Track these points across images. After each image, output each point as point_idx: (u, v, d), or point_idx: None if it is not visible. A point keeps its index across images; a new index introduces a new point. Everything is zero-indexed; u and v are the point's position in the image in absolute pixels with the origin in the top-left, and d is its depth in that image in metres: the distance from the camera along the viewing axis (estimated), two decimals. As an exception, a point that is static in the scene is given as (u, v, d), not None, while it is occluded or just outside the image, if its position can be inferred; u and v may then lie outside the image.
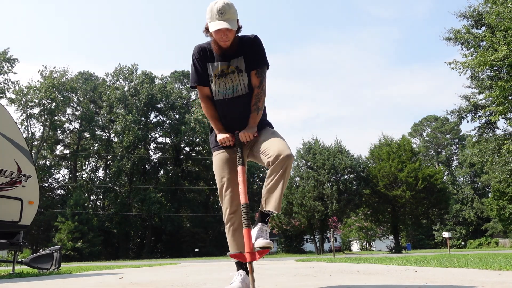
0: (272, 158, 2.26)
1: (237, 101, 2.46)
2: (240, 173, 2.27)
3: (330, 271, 4.35)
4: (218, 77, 2.44)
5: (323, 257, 15.14)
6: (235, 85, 2.44)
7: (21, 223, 6.04)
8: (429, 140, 61.27)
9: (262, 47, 2.46)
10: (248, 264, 2.04)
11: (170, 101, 45.39)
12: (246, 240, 2.08)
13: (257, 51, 2.43)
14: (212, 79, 2.46)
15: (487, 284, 2.38)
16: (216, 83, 2.45)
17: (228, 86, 2.45)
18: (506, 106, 15.85)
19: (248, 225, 2.12)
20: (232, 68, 2.42)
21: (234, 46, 2.39)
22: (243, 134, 2.38)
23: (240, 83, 2.44)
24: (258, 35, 2.46)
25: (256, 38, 2.45)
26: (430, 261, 5.64)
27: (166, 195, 40.73)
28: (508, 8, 14.43)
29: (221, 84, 2.45)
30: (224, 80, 2.44)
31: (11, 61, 37.59)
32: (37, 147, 40.04)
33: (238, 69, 2.42)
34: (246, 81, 2.45)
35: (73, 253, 30.95)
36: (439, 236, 49.35)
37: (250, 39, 2.43)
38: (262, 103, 2.48)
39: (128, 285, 3.14)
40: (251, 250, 2.07)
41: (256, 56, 2.43)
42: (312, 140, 31.79)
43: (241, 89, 2.45)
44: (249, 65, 2.43)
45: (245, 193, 2.20)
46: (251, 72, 2.44)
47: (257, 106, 2.45)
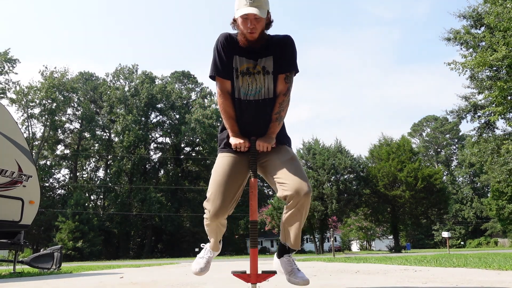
0: (289, 193, 2.07)
1: (258, 105, 2.21)
2: (252, 186, 2.09)
3: (330, 271, 4.36)
4: (243, 75, 2.19)
5: (323, 256, 15.15)
6: (259, 87, 2.20)
7: (22, 223, 6.05)
8: (429, 140, 61.29)
9: (295, 49, 2.20)
10: (251, 285, 2.00)
11: (170, 101, 45.39)
12: (253, 261, 2.01)
13: (288, 53, 2.18)
14: (237, 75, 2.20)
15: (486, 283, 2.40)
16: (240, 82, 2.20)
17: (251, 87, 2.20)
18: (505, 106, 15.86)
19: (255, 245, 2.04)
20: (259, 68, 2.17)
21: (262, 41, 2.13)
22: (261, 143, 2.15)
23: (265, 85, 2.20)
24: (291, 36, 2.21)
25: (289, 38, 2.19)
26: (430, 260, 5.66)
27: (166, 195, 40.74)
28: (507, 8, 14.45)
29: (244, 82, 2.19)
30: (248, 79, 2.19)
31: (12, 62, 37.60)
32: (37, 147, 40.05)
33: (265, 70, 2.18)
34: (272, 84, 2.21)
35: (74, 252, 30.96)
36: (439, 236, 49.36)
37: (282, 39, 2.18)
38: (285, 113, 2.24)
39: (129, 285, 3.16)
40: (256, 272, 2.00)
41: (287, 58, 2.18)
42: (312, 140, 31.80)
43: (264, 92, 2.21)
44: (278, 68, 2.18)
45: (254, 210, 2.06)
46: (278, 76, 2.20)
47: (280, 115, 2.22)
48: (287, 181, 2.09)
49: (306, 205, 2.10)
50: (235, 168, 2.23)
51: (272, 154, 2.23)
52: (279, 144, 2.28)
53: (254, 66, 2.18)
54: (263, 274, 2.00)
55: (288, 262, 2.26)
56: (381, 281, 2.82)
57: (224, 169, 2.23)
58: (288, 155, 2.24)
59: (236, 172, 2.23)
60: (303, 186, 2.05)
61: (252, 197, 2.07)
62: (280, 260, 2.31)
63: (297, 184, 2.06)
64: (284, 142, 2.33)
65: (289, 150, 2.31)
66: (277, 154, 2.23)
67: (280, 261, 2.31)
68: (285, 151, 2.26)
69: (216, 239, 2.47)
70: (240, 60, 2.18)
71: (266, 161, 2.26)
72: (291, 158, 2.22)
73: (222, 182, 2.19)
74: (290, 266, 2.24)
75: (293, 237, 2.21)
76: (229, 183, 2.19)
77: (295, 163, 2.19)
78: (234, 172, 2.22)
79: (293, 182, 2.08)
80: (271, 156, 2.23)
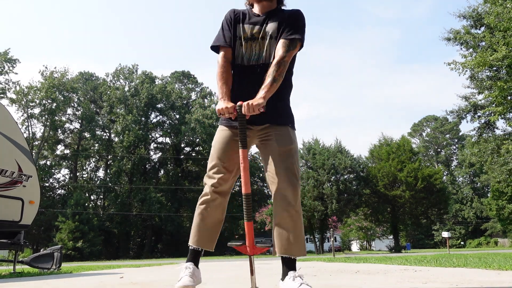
0: (273, 194, 2.05)
1: (259, 69, 2.11)
2: (241, 157, 1.93)
3: (330, 271, 4.36)
4: (247, 40, 2.15)
5: (323, 256, 15.15)
6: (262, 51, 2.13)
7: (21, 223, 6.05)
8: (429, 140, 61.29)
9: (304, 21, 2.17)
10: (249, 257, 1.96)
11: (170, 101, 45.40)
12: (248, 234, 1.95)
13: (295, 22, 2.14)
14: (241, 42, 2.17)
15: (486, 283, 2.40)
16: (243, 47, 2.16)
17: (254, 52, 2.14)
18: (505, 107, 15.87)
19: (249, 219, 1.93)
20: (264, 33, 2.14)
21: (273, 5, 2.21)
22: (247, 104, 1.93)
23: (267, 50, 2.13)
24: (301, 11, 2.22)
25: (299, 11, 2.20)
26: (430, 260, 5.66)
27: (166, 195, 40.74)
28: (507, 8, 14.45)
29: (247, 48, 2.15)
30: (252, 44, 2.15)
31: (12, 62, 37.59)
32: (37, 147, 40.05)
33: (269, 35, 2.13)
34: (274, 50, 2.13)
35: (74, 252, 30.95)
36: (439, 236, 49.35)
37: (292, 11, 2.20)
38: (280, 74, 2.03)
39: (129, 285, 3.16)
40: (252, 244, 1.94)
41: (293, 26, 2.12)
42: (312, 140, 31.83)
43: (266, 56, 2.12)
44: (282, 32, 2.13)
45: (246, 182, 1.91)
46: (280, 40, 2.11)
47: (273, 76, 2.01)
48: (274, 186, 2.03)
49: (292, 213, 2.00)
50: (231, 143, 2.11)
51: (271, 136, 2.09)
52: (282, 124, 2.12)
53: (260, 31, 2.15)
54: (259, 246, 1.95)
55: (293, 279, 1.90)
56: (381, 281, 2.82)
57: (220, 143, 2.15)
58: (288, 143, 2.08)
59: (233, 147, 2.10)
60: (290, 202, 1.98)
61: (242, 169, 1.93)
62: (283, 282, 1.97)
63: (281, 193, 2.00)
64: (287, 123, 2.14)
65: (291, 135, 2.12)
66: (277, 138, 2.08)
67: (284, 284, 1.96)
68: (286, 137, 2.09)
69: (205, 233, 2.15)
70: (245, 28, 2.17)
71: (265, 142, 2.12)
72: (289, 150, 2.07)
73: (219, 155, 2.12)
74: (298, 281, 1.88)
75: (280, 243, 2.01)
76: (226, 157, 2.11)
77: (289, 160, 2.05)
78: (230, 147, 2.11)
79: (280, 187, 2.00)
80: (271, 138, 2.09)
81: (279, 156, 2.05)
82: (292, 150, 2.09)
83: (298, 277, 1.91)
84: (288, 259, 2.00)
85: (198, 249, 2.13)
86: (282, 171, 2.02)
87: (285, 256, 2.00)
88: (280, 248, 2.01)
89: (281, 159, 2.04)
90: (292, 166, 2.04)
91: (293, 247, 1.99)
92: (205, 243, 2.13)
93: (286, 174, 2.01)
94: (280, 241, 2.01)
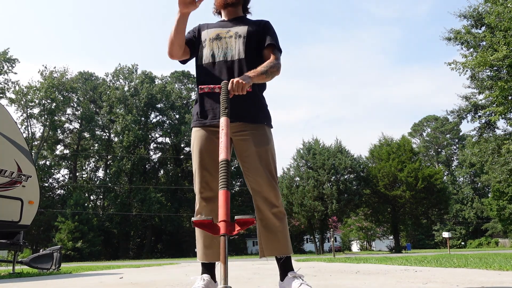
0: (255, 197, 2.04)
1: (228, 65, 2.08)
2: (223, 124, 1.71)
3: (330, 271, 4.35)
4: (212, 40, 2.15)
5: (323, 257, 15.15)
6: (230, 48, 2.11)
7: (21, 223, 6.04)
8: (429, 140, 61.29)
9: (275, 33, 2.20)
10: (221, 237, 1.38)
11: (170, 101, 45.41)
12: (223, 205, 1.46)
13: (270, 34, 2.16)
14: (206, 44, 2.16)
15: (487, 284, 2.38)
16: (208, 46, 2.14)
17: (221, 49, 2.12)
18: (506, 106, 15.87)
19: (226, 187, 1.51)
20: (231, 33, 2.15)
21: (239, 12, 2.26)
22: (236, 81, 1.83)
23: (235, 47, 2.11)
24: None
25: (268, 22, 2.22)
26: (430, 261, 5.64)
27: (166, 195, 40.73)
28: (508, 8, 14.44)
29: (214, 46, 2.13)
30: (218, 43, 2.13)
31: (11, 61, 37.61)
32: (37, 147, 40.05)
33: (237, 34, 2.13)
34: (243, 47, 2.10)
35: (73, 253, 30.96)
36: (439, 236, 49.36)
37: (260, 21, 2.23)
38: (272, 73, 2.03)
39: (128, 285, 3.14)
40: (226, 219, 1.43)
41: (271, 36, 2.15)
42: (312, 140, 31.81)
43: (236, 53, 2.10)
44: (257, 39, 2.14)
45: (226, 147, 1.63)
46: (266, 48, 2.13)
47: (266, 70, 2.00)
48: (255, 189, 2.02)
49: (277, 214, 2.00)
50: (209, 143, 2.05)
51: (248, 135, 2.04)
52: (258, 122, 2.08)
53: (227, 32, 2.16)
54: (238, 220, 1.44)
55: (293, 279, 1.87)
56: (382, 281, 2.81)
57: (198, 146, 2.07)
58: (265, 143, 2.05)
59: (212, 148, 2.02)
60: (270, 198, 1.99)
61: (222, 135, 1.68)
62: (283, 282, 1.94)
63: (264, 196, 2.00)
64: (263, 121, 2.10)
65: (267, 134, 2.09)
66: (254, 138, 2.04)
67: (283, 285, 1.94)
68: (263, 136, 2.06)
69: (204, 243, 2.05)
70: (211, 31, 2.19)
71: (241, 141, 2.05)
72: (266, 150, 2.04)
73: (200, 160, 2.05)
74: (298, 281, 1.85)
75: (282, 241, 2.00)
76: (208, 159, 2.04)
77: (268, 161, 2.03)
78: (210, 149, 2.03)
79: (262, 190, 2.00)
80: (247, 137, 2.04)
81: (258, 158, 2.02)
82: (269, 150, 2.07)
83: (298, 277, 1.89)
84: (282, 260, 1.99)
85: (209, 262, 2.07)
86: (263, 174, 2.00)
87: (278, 257, 1.99)
88: (272, 249, 2.00)
89: (260, 161, 2.02)
90: (270, 168, 2.04)
91: (283, 246, 1.99)
92: (209, 255, 2.04)
93: (266, 176, 2.00)
94: (270, 242, 2.00)
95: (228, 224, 1.42)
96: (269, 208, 2.00)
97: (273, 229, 2.00)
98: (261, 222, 2.03)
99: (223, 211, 1.45)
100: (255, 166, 2.02)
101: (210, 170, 2.04)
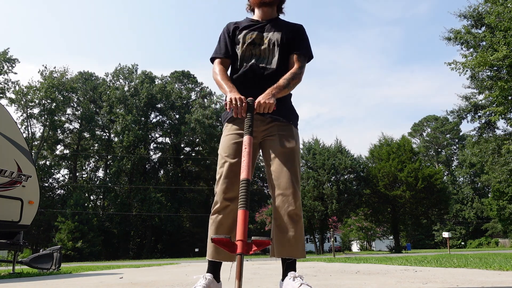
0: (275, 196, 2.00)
1: (261, 73, 2.09)
2: (246, 143, 1.79)
3: (330, 271, 4.35)
4: (247, 45, 2.14)
5: (323, 257, 15.15)
6: (264, 56, 2.13)
7: (21, 223, 6.04)
8: (429, 140, 61.27)
9: (307, 38, 2.20)
10: (237, 256, 1.48)
11: (170, 101, 45.39)
12: (241, 224, 1.54)
13: (301, 39, 2.17)
14: (239, 46, 2.16)
15: (487, 284, 2.38)
16: (243, 50, 2.14)
17: (255, 55, 2.13)
18: (506, 106, 15.87)
19: (245, 206, 1.60)
20: (265, 40, 2.14)
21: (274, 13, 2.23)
22: (263, 103, 1.88)
23: (270, 55, 2.13)
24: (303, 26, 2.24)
25: (301, 26, 2.21)
26: (430, 261, 5.64)
27: (166, 195, 40.73)
28: (508, 8, 14.44)
29: (247, 52, 2.14)
30: (253, 49, 2.14)
31: (11, 61, 37.61)
32: (37, 147, 40.05)
33: (271, 42, 2.13)
34: (276, 56, 2.11)
35: (73, 253, 30.95)
36: (439, 236, 49.36)
37: (294, 25, 2.21)
38: (294, 84, 2.06)
39: (128, 285, 3.14)
40: (244, 238, 1.51)
41: (301, 43, 2.16)
42: (312, 140, 31.82)
43: (268, 61, 2.12)
44: (287, 45, 2.14)
45: (248, 167, 1.70)
46: (293, 54, 2.13)
47: (288, 82, 2.02)
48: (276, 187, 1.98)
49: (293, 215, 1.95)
50: (239, 146, 2.03)
51: (275, 135, 2.06)
52: (286, 120, 2.10)
53: (260, 37, 2.15)
54: (255, 241, 1.51)
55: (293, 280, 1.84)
56: (382, 282, 2.80)
57: (228, 147, 2.07)
58: (291, 143, 2.06)
59: (240, 149, 2.01)
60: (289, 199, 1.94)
61: (246, 154, 1.74)
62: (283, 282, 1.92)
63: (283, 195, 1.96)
64: (290, 121, 2.12)
65: (293, 135, 2.10)
66: (280, 137, 2.05)
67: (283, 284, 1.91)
68: (289, 137, 2.07)
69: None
70: (245, 33, 2.16)
71: (268, 140, 2.08)
72: (291, 150, 2.04)
73: (228, 159, 2.04)
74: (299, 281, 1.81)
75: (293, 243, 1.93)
76: (235, 160, 2.02)
77: (292, 161, 2.02)
78: (240, 150, 2.01)
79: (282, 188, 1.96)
80: (274, 137, 2.06)
81: (283, 157, 2.02)
82: (295, 150, 2.07)
83: (298, 277, 1.86)
84: (289, 261, 1.96)
85: (216, 261, 2.04)
86: (286, 173, 1.99)
87: (286, 258, 1.96)
88: (281, 250, 1.96)
89: (285, 160, 2.01)
90: (295, 169, 2.02)
91: (294, 249, 1.95)
92: (220, 254, 2.01)
93: (289, 176, 1.98)
94: (281, 243, 1.96)
95: (245, 244, 1.50)
96: (286, 207, 1.95)
97: (285, 230, 1.95)
98: (275, 221, 2.00)
99: (240, 231, 1.52)
100: (279, 165, 2.01)
101: (238, 173, 2.01)
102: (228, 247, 1.53)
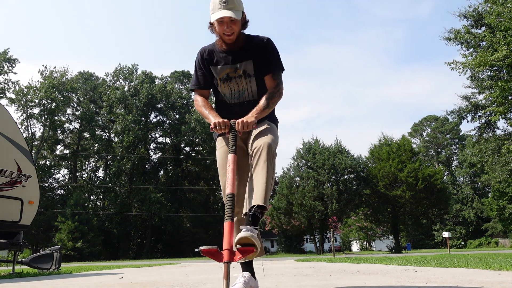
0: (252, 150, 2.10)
1: (243, 107, 2.24)
2: (230, 161, 1.94)
3: (330, 271, 4.35)
4: (223, 81, 2.25)
5: (323, 257, 15.15)
6: (242, 90, 2.25)
7: (21, 223, 6.04)
8: (429, 140, 61.25)
9: (276, 51, 2.25)
10: (224, 264, 1.63)
11: (170, 101, 45.39)
12: (227, 235, 1.69)
13: (271, 56, 2.23)
14: (217, 83, 2.28)
15: (487, 284, 2.38)
16: (221, 88, 2.27)
17: (233, 91, 2.26)
18: (506, 106, 15.87)
19: (231, 218, 1.74)
20: (239, 72, 2.22)
21: (240, 43, 2.19)
22: (241, 122, 2.04)
23: (247, 88, 2.24)
24: (270, 38, 2.26)
25: (269, 41, 2.24)
26: (430, 261, 5.64)
27: (166, 195, 40.73)
28: (508, 8, 14.44)
29: (226, 89, 2.26)
30: (229, 84, 2.25)
31: (11, 61, 37.61)
32: (37, 147, 40.04)
33: (246, 74, 2.22)
34: (254, 86, 2.24)
35: (73, 253, 30.95)
36: (439, 236, 49.35)
37: (261, 42, 2.22)
38: (274, 102, 2.19)
39: (128, 285, 3.14)
40: (230, 247, 1.67)
41: (271, 60, 2.23)
42: (312, 140, 31.81)
43: (247, 94, 2.25)
44: (261, 69, 2.22)
45: (232, 183, 1.87)
46: (266, 76, 2.23)
47: (268, 103, 2.15)
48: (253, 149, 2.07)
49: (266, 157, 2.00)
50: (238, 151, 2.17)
51: (253, 132, 2.18)
52: (260, 122, 2.21)
53: (235, 70, 2.23)
54: (240, 249, 1.70)
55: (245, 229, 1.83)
56: (382, 282, 2.81)
57: (222, 160, 2.24)
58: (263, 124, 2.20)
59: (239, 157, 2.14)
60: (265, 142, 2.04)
61: (230, 171, 1.92)
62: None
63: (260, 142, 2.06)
64: (264, 120, 2.25)
65: (266, 124, 2.22)
66: (257, 129, 2.17)
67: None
68: (262, 125, 2.20)
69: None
70: (220, 69, 2.25)
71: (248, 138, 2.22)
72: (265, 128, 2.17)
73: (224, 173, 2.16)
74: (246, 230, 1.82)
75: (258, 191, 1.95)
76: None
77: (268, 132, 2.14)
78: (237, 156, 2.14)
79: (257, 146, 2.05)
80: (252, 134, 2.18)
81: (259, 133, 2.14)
82: (269, 127, 2.19)
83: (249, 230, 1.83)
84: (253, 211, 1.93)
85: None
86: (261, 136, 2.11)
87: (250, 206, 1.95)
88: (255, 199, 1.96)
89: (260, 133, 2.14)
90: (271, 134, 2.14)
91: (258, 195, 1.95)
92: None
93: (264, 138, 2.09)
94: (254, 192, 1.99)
95: (231, 252, 1.67)
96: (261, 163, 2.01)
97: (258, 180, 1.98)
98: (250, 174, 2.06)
99: (227, 241, 1.68)
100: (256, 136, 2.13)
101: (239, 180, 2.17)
102: (215, 256, 1.67)
